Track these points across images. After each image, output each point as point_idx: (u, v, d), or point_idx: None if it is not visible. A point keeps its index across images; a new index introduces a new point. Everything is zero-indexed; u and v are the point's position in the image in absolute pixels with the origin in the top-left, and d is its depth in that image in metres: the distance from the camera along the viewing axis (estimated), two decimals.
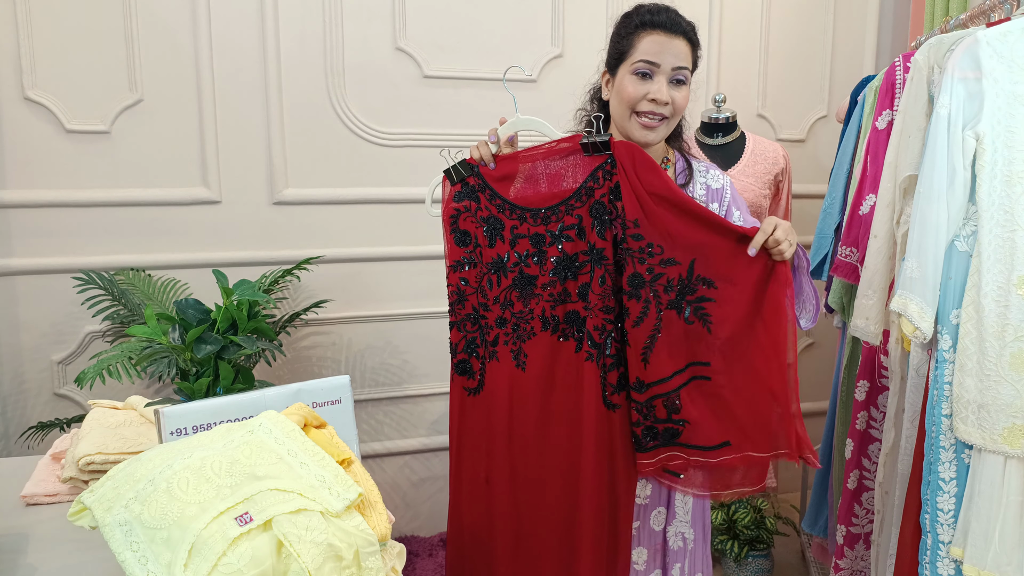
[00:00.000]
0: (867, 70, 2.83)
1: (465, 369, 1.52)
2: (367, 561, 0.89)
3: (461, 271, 1.50)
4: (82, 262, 2.19)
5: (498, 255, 1.48)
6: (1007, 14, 1.58)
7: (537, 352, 1.47)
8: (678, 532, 1.56)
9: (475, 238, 1.49)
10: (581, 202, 1.44)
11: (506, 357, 1.49)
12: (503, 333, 1.49)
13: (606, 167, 1.42)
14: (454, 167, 1.50)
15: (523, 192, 1.48)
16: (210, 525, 0.82)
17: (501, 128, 1.50)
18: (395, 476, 2.61)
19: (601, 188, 1.42)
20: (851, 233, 1.90)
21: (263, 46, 2.28)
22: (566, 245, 1.45)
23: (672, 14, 1.44)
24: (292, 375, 2.43)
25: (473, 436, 1.53)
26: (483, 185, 1.49)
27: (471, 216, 1.49)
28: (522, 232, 1.47)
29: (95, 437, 1.31)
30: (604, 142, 1.41)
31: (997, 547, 1.32)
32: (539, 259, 1.47)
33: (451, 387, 1.55)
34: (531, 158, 1.47)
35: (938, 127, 1.36)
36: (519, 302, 1.48)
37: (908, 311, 1.39)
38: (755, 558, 2.41)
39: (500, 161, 1.48)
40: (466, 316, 1.51)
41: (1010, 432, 1.31)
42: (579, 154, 1.44)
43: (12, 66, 2.11)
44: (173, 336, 1.82)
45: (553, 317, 1.47)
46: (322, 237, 2.41)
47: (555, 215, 1.46)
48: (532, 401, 1.48)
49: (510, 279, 1.48)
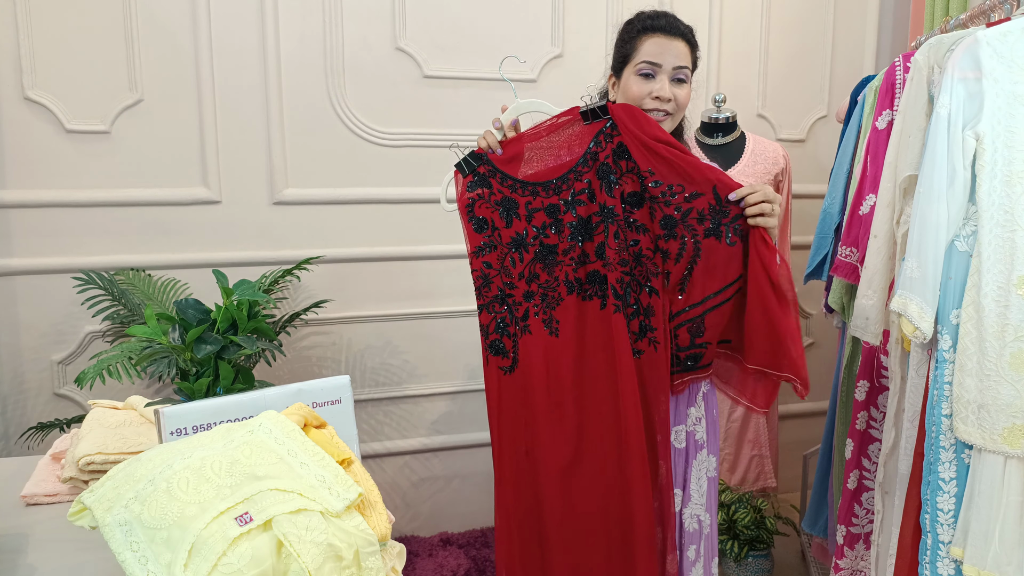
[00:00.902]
0: (867, 70, 2.83)
1: (499, 349, 1.57)
2: (367, 561, 0.89)
3: (483, 256, 1.56)
4: (82, 262, 2.19)
5: (516, 233, 1.55)
6: (1007, 14, 1.58)
7: (567, 316, 1.53)
8: (694, 515, 1.60)
9: (492, 222, 1.55)
10: (588, 167, 1.51)
11: (538, 328, 1.54)
12: (532, 306, 1.55)
13: (606, 131, 1.50)
14: (464, 160, 1.56)
15: (532, 169, 1.55)
16: (210, 525, 0.82)
17: (503, 115, 1.57)
18: (395, 476, 2.61)
19: (604, 150, 1.50)
20: (851, 233, 1.90)
21: (263, 46, 2.28)
22: (580, 209, 1.51)
23: (671, 18, 1.54)
24: (292, 375, 2.43)
25: (512, 413, 1.57)
26: (493, 171, 1.55)
27: (485, 202, 1.55)
28: (536, 206, 1.54)
29: (95, 437, 1.31)
30: (602, 107, 1.50)
31: (997, 547, 1.32)
32: (557, 228, 1.53)
33: (485, 370, 1.59)
34: (535, 136, 1.54)
35: (938, 127, 1.36)
36: (544, 272, 1.54)
37: (908, 311, 1.39)
38: (755, 558, 2.41)
39: (506, 145, 1.55)
40: (493, 298, 1.56)
41: (1010, 432, 1.31)
42: (579, 123, 1.52)
43: (12, 66, 2.11)
44: (173, 336, 1.82)
45: (577, 280, 1.53)
46: (322, 237, 2.41)
47: (565, 184, 1.53)
48: (567, 365, 1.53)
49: (532, 253, 1.55)
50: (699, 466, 1.60)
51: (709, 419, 1.62)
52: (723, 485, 2.53)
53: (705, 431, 1.61)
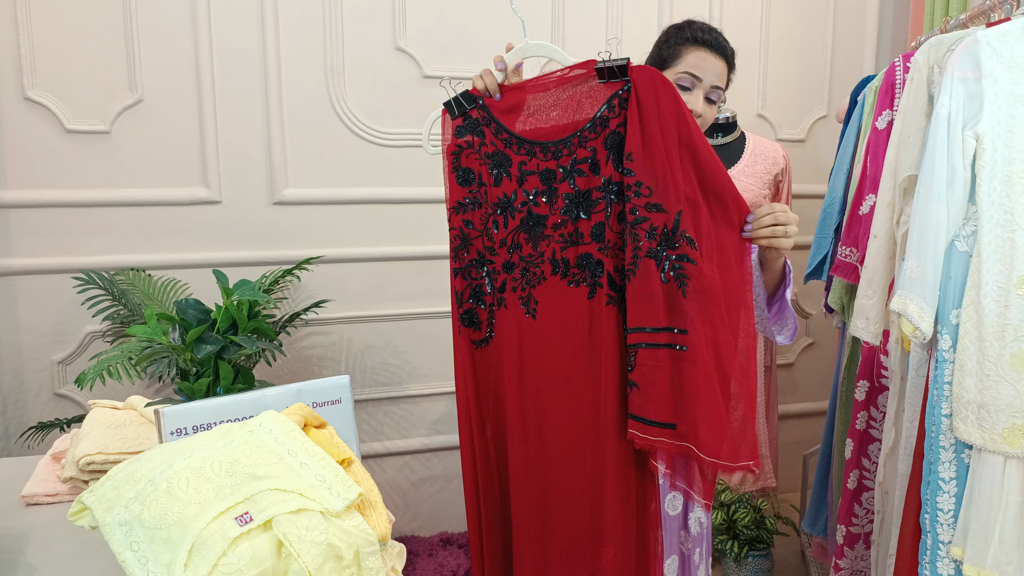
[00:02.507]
0: (867, 70, 2.83)
1: (472, 320, 1.43)
2: (367, 561, 0.89)
3: (464, 213, 1.41)
4: (82, 262, 2.19)
5: (504, 194, 1.38)
6: (1007, 14, 1.58)
7: (548, 298, 1.38)
8: (697, 518, 1.54)
9: (479, 176, 1.39)
10: (595, 133, 1.33)
11: (514, 304, 1.40)
12: (511, 279, 1.40)
13: (622, 94, 1.31)
14: (455, 99, 1.39)
15: (532, 125, 1.37)
16: (210, 525, 0.82)
17: (508, 55, 1.38)
18: (395, 476, 2.61)
19: (617, 117, 1.31)
20: (851, 233, 1.90)
21: (263, 46, 2.28)
22: (579, 180, 1.34)
23: (721, 37, 1.49)
24: (292, 375, 2.43)
25: (484, 389, 1.45)
26: (488, 118, 1.38)
27: (474, 152, 1.39)
28: (531, 168, 1.37)
29: (95, 437, 1.31)
30: (621, 66, 1.30)
31: (997, 547, 1.32)
32: (549, 197, 1.36)
33: (455, 341, 1.45)
34: (541, 87, 1.36)
35: (938, 127, 1.36)
36: (528, 244, 1.38)
37: (908, 311, 1.39)
38: (755, 558, 2.41)
39: (506, 91, 1.38)
40: (471, 262, 1.41)
41: (1010, 432, 1.31)
42: (594, 81, 1.33)
43: (12, 66, 2.11)
44: (173, 336, 1.82)
45: (563, 260, 1.37)
46: (322, 237, 2.41)
47: (567, 148, 1.35)
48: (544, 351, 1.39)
49: (517, 220, 1.38)
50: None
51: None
52: (723, 485, 2.54)
53: None
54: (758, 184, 2.51)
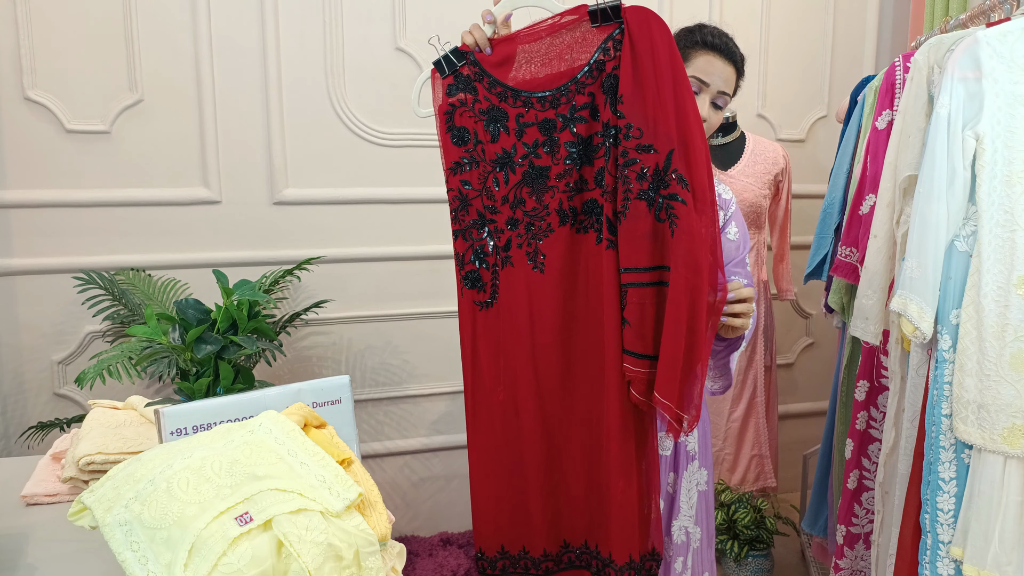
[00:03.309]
0: (867, 70, 2.83)
1: (475, 281, 1.39)
2: (367, 561, 0.89)
3: (461, 172, 1.37)
4: (82, 262, 2.19)
5: (503, 149, 1.35)
6: (1007, 14, 1.58)
7: (556, 251, 1.35)
8: (682, 527, 1.53)
9: (475, 134, 1.36)
10: (592, 78, 1.31)
11: (521, 261, 1.37)
12: (516, 235, 1.37)
13: (616, 36, 1.29)
14: (445, 57, 1.36)
15: (526, 75, 1.34)
16: (210, 525, 0.82)
17: (496, 7, 1.37)
18: (395, 476, 2.61)
19: (612, 60, 1.29)
20: (851, 233, 1.90)
21: (263, 46, 2.28)
22: (580, 127, 1.32)
23: (730, 41, 1.48)
24: (292, 375, 2.43)
25: (489, 353, 1.41)
26: (480, 73, 1.35)
27: (468, 110, 1.35)
28: (529, 120, 1.34)
29: (95, 437, 1.31)
30: (614, 7, 1.28)
31: (997, 547, 1.32)
32: (551, 147, 1.33)
33: (459, 303, 1.41)
34: (533, 36, 1.34)
35: (938, 127, 1.36)
36: (531, 199, 1.35)
37: (908, 311, 1.39)
38: (755, 558, 2.41)
39: (497, 45, 1.36)
40: (472, 222, 1.38)
41: (1010, 432, 1.31)
42: (586, 24, 1.31)
43: (12, 66, 2.11)
44: (173, 336, 1.82)
45: (572, 209, 1.34)
46: (322, 237, 2.41)
47: (565, 96, 1.32)
48: (554, 305, 1.36)
49: (519, 174, 1.35)
50: (689, 478, 1.53)
51: (700, 430, 1.54)
52: (723, 485, 2.54)
53: (696, 442, 1.53)
54: (758, 184, 2.51)
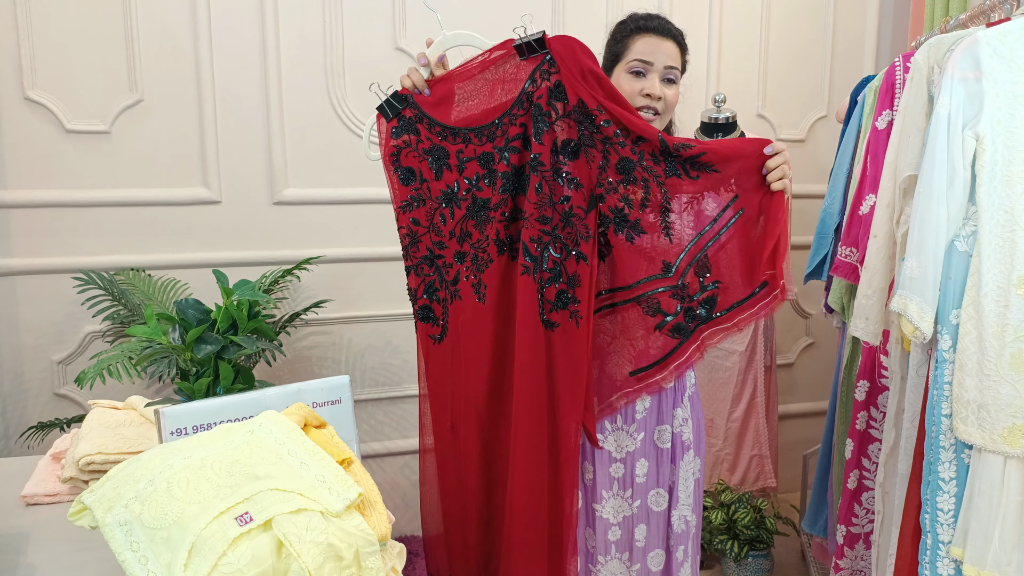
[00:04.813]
0: (867, 70, 2.83)
1: (427, 316, 1.47)
2: (367, 561, 0.89)
3: (410, 211, 1.44)
4: (82, 262, 2.19)
5: (447, 186, 1.42)
6: (1007, 14, 1.58)
7: (495, 280, 1.41)
8: (681, 516, 1.56)
9: (420, 173, 1.42)
10: (523, 109, 1.37)
11: (468, 293, 1.43)
12: (463, 268, 1.43)
13: (543, 67, 1.36)
14: (387, 102, 1.42)
15: (464, 112, 1.41)
16: (210, 525, 0.82)
17: (429, 49, 1.42)
18: (395, 476, 2.61)
19: (539, 90, 1.35)
20: (851, 233, 1.90)
21: (263, 46, 2.28)
22: (512, 157, 1.38)
23: (663, 20, 1.52)
24: (292, 375, 2.43)
25: (441, 385, 1.48)
26: (420, 115, 1.41)
27: (412, 151, 1.42)
28: (469, 155, 1.40)
29: (95, 437, 1.31)
30: (538, 40, 1.35)
31: (997, 547, 1.32)
32: (490, 179, 1.40)
33: (417, 336, 1.48)
34: (467, 74, 1.40)
35: (938, 127, 1.36)
36: (476, 231, 1.41)
37: (908, 311, 1.39)
38: (755, 558, 2.41)
39: (434, 85, 1.41)
40: (422, 259, 1.45)
41: (1010, 432, 1.31)
42: (515, 59, 1.38)
43: (12, 66, 2.11)
44: (173, 336, 1.82)
45: (509, 237, 1.40)
46: (322, 237, 2.41)
47: (499, 129, 1.39)
48: (488, 334, 1.41)
49: (464, 208, 1.41)
50: (686, 467, 1.56)
51: (695, 420, 1.57)
52: (723, 485, 2.53)
53: (692, 433, 1.56)
54: None
